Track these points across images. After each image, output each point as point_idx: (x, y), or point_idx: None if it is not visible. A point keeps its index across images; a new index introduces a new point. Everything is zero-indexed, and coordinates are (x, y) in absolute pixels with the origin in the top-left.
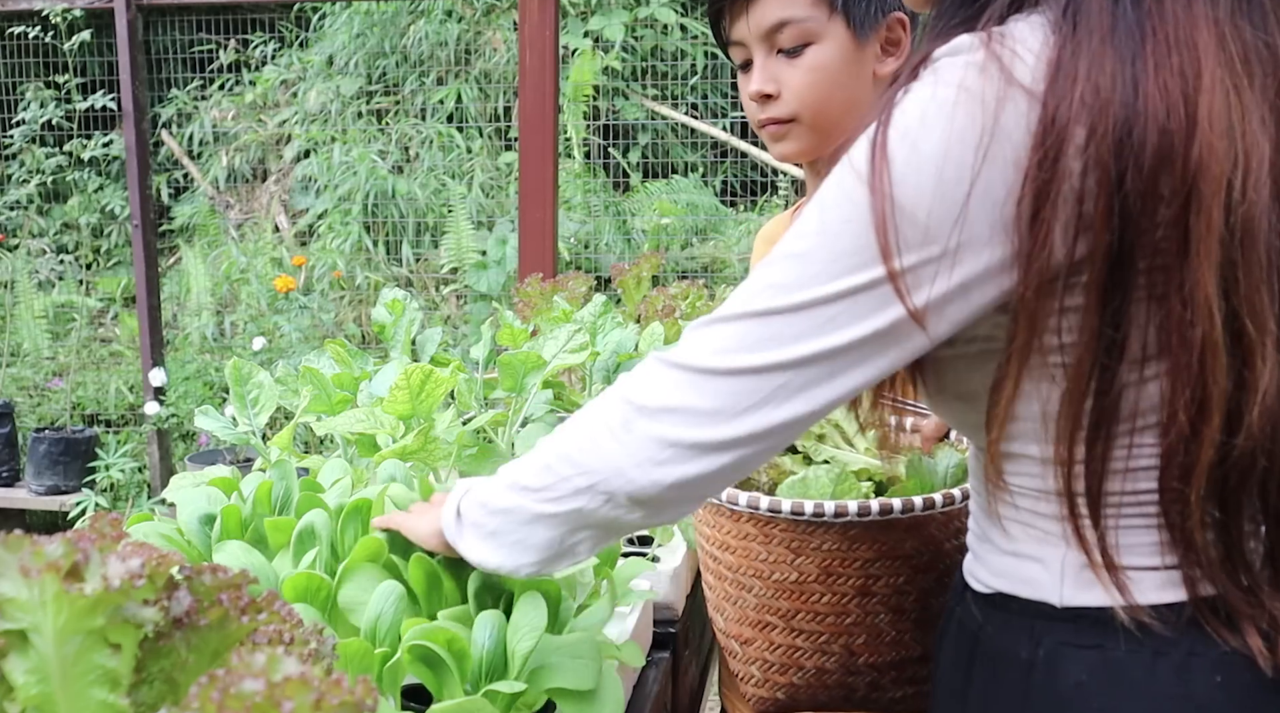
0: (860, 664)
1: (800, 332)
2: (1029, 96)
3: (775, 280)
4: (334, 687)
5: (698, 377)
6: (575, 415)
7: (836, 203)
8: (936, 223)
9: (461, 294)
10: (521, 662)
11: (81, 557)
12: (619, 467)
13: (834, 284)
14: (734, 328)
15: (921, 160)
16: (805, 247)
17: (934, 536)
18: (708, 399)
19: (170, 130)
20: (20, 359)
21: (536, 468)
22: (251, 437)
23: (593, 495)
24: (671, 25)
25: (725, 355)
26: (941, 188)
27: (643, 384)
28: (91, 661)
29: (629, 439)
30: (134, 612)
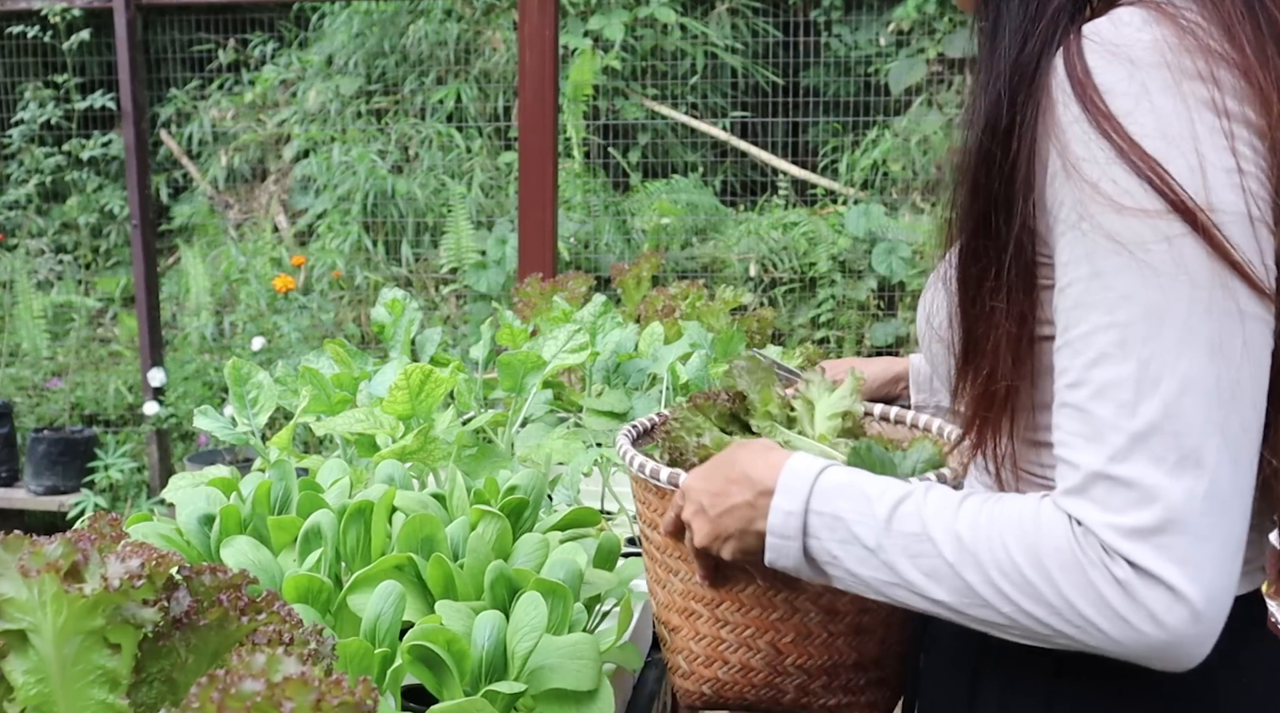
0: (788, 665)
1: (1220, 386)
2: (1230, 62)
3: (1148, 353)
4: (334, 687)
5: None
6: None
7: (1144, 237)
8: (1233, 202)
9: (461, 294)
10: (521, 662)
11: (81, 557)
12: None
13: (1215, 314)
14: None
15: (1183, 148)
16: (1154, 298)
17: None
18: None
19: (169, 130)
20: (19, 359)
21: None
22: (251, 437)
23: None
24: (671, 25)
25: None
26: (1215, 166)
27: None
28: (91, 661)
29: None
30: (133, 612)
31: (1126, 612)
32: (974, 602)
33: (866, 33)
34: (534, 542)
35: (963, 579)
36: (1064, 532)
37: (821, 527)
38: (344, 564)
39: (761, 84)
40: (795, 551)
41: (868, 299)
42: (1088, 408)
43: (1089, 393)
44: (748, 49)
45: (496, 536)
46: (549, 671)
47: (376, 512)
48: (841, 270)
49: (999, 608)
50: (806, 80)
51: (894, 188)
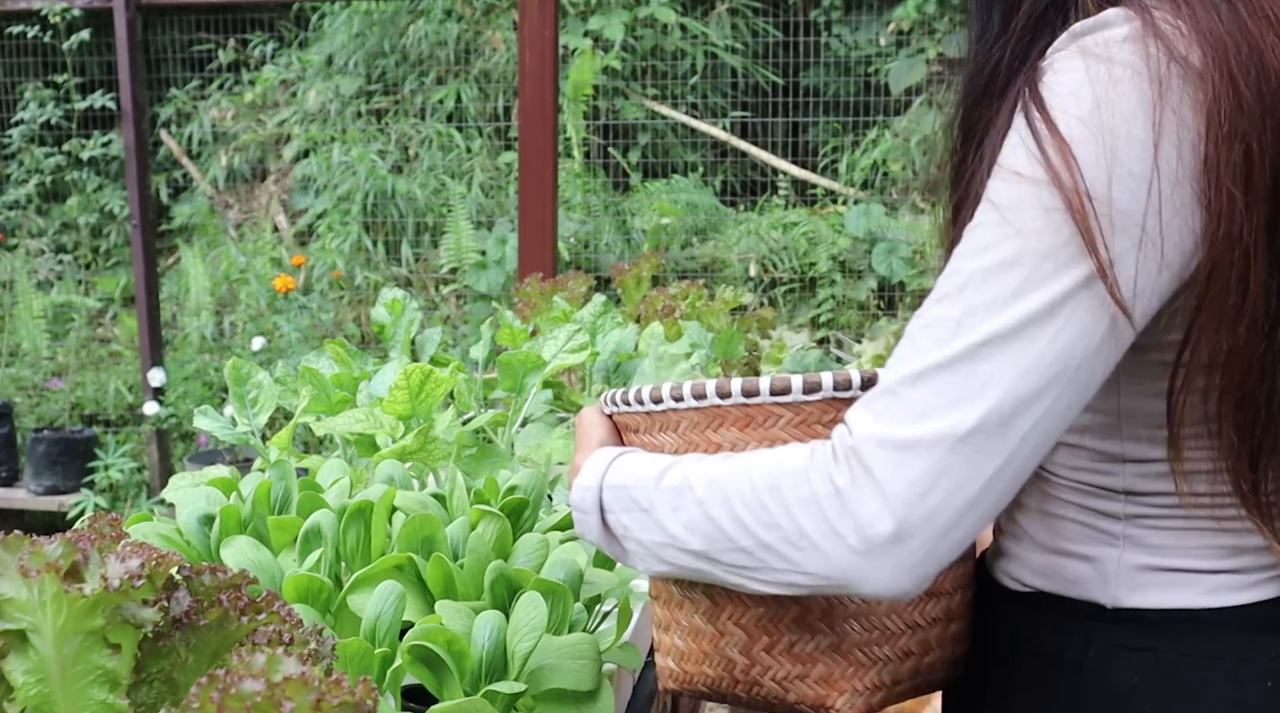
0: (726, 623)
1: (1026, 353)
2: (1190, 70)
3: (977, 301)
4: (334, 687)
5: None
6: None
7: (1021, 202)
8: (1130, 206)
9: (461, 294)
10: (521, 662)
11: (81, 557)
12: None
13: (1050, 287)
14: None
15: (1102, 141)
16: (1005, 254)
17: None
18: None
19: (169, 130)
20: (19, 359)
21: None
22: (251, 437)
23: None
24: (671, 25)
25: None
26: (1127, 168)
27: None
28: (91, 661)
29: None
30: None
31: (837, 520)
32: (721, 543)
33: (866, 33)
34: (534, 542)
35: (711, 520)
36: (803, 453)
37: (613, 500)
38: (344, 564)
39: (761, 84)
40: (595, 525)
41: (868, 299)
42: (913, 335)
43: (921, 324)
44: (748, 49)
45: (496, 536)
46: (549, 671)
47: (376, 512)
48: (841, 270)
49: (740, 543)
50: (806, 80)
51: (894, 188)
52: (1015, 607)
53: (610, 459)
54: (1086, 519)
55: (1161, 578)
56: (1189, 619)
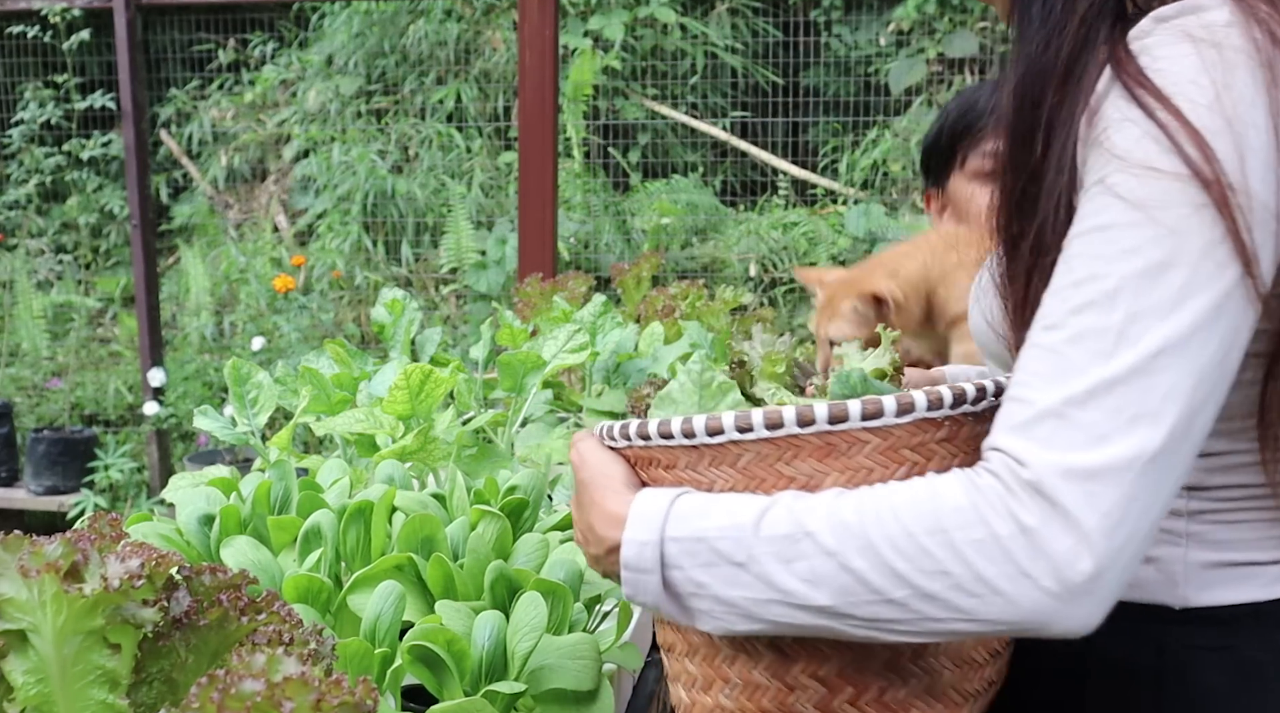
0: (798, 675)
1: (1199, 359)
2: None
3: (1139, 307)
4: (334, 687)
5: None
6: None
7: (1166, 198)
8: (1265, 196)
9: (461, 294)
10: (521, 662)
11: (81, 557)
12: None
13: (1213, 287)
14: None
15: (1233, 130)
16: (1160, 255)
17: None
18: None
19: (169, 130)
20: (19, 359)
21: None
22: (251, 437)
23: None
24: (671, 25)
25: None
26: (1258, 156)
27: None
28: (91, 661)
29: None
30: (133, 612)
31: (1028, 562)
32: (862, 597)
33: (866, 33)
34: (534, 542)
35: (849, 571)
36: (962, 488)
37: (682, 554)
38: (344, 564)
39: (761, 84)
40: (654, 585)
41: None
42: (1060, 350)
43: (1066, 336)
44: (748, 49)
45: (496, 536)
46: (549, 671)
47: (376, 512)
48: None
49: (891, 595)
50: (806, 80)
51: (894, 188)
52: None
53: (667, 505)
54: None
55: (1228, 574)
56: (1256, 613)
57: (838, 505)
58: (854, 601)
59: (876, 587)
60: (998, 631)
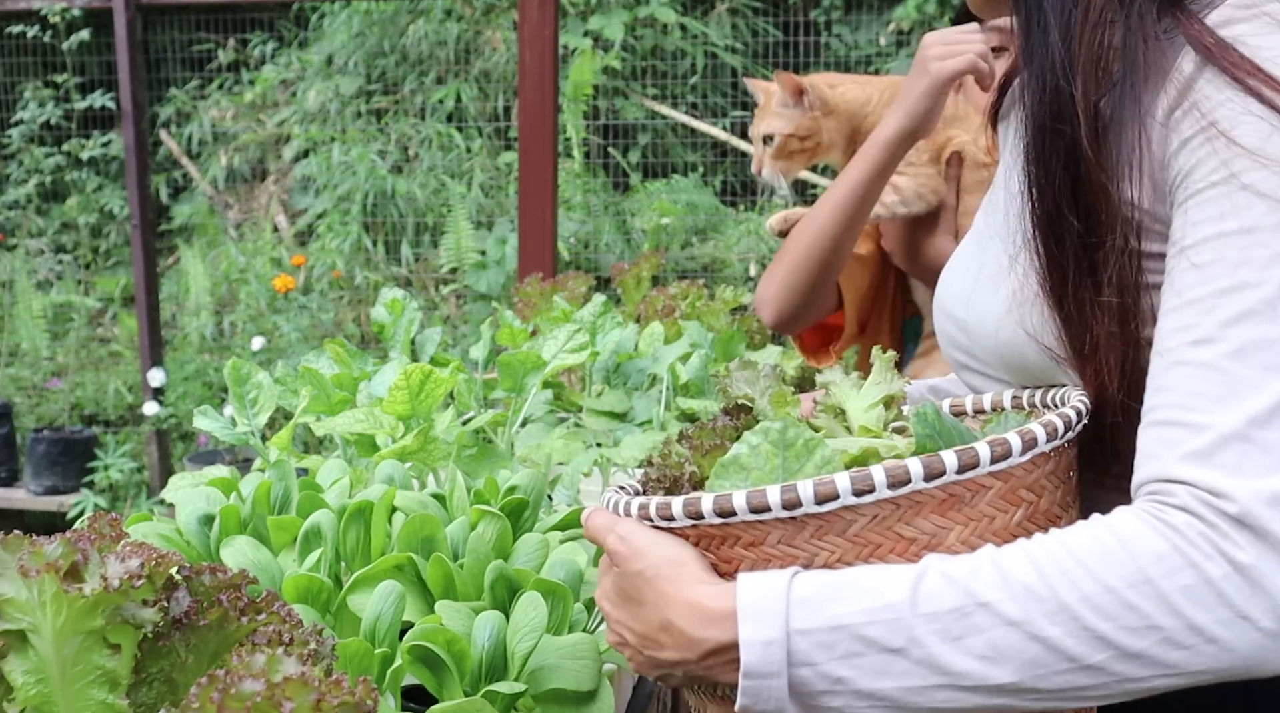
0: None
1: None
2: None
3: None
4: (334, 687)
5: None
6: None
7: None
8: None
9: (461, 294)
10: (521, 662)
11: (80, 557)
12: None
13: None
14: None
15: None
16: None
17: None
18: None
19: (169, 130)
20: (19, 359)
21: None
22: (250, 437)
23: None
24: (671, 25)
25: None
26: None
27: None
28: (91, 661)
29: None
30: (133, 612)
31: (1246, 603)
32: (1054, 667)
33: (866, 33)
34: (534, 542)
35: (1039, 641)
36: (1155, 531)
37: (815, 648)
38: (344, 564)
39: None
40: (780, 689)
41: None
42: (1224, 366)
43: (1227, 350)
44: (748, 49)
45: (496, 536)
46: (549, 671)
47: (376, 512)
48: None
49: (1089, 661)
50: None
51: None
52: None
53: (783, 594)
54: None
55: None
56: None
57: (1009, 567)
58: (1043, 673)
59: (1073, 654)
60: (1201, 681)
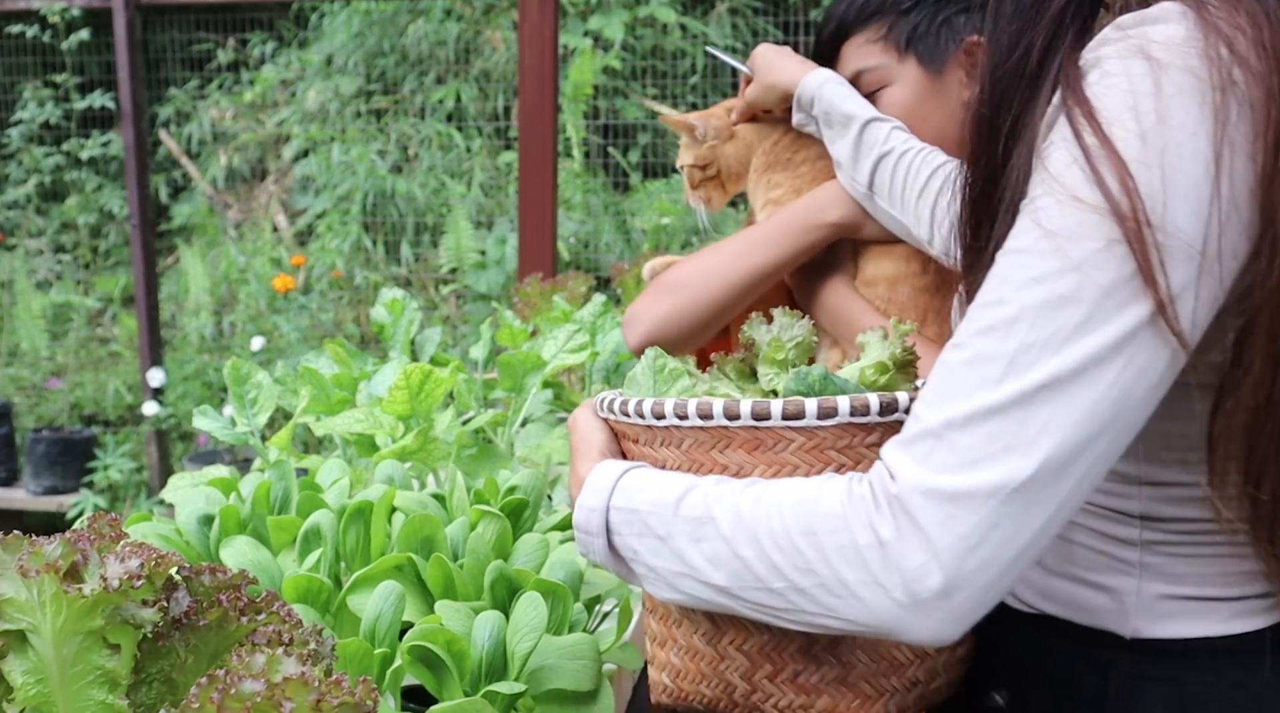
0: (727, 646)
1: (1085, 397)
2: (1252, 73)
3: (1032, 339)
4: (334, 687)
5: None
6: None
7: (1079, 231)
8: (1192, 233)
9: (461, 294)
10: (521, 662)
11: (80, 557)
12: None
13: (1113, 326)
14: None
15: (1163, 161)
16: (1064, 288)
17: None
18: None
19: (169, 130)
20: (18, 359)
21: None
22: (250, 437)
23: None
24: (671, 25)
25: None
26: (1189, 190)
27: None
28: (90, 661)
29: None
30: (133, 612)
31: (882, 574)
32: (749, 583)
33: None
34: (534, 542)
35: (739, 557)
36: (839, 495)
37: (621, 522)
38: (344, 564)
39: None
40: (601, 547)
41: None
42: (956, 371)
43: (964, 358)
44: (748, 49)
45: (496, 536)
46: (549, 671)
47: (376, 512)
48: None
49: (771, 585)
50: None
51: None
52: (1021, 628)
53: (616, 477)
54: (1102, 546)
55: (1183, 607)
56: (1210, 648)
57: (741, 497)
58: (743, 585)
59: (760, 575)
60: (859, 630)
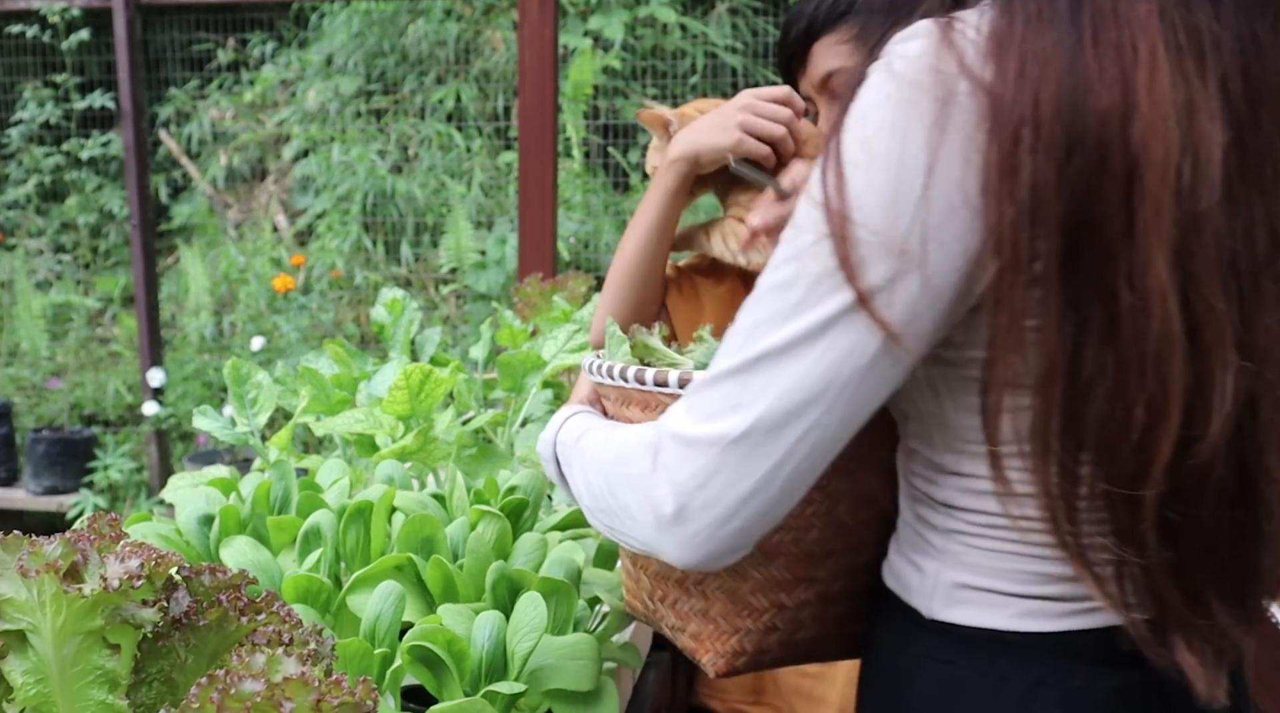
0: (639, 572)
1: (794, 369)
2: (978, 84)
3: (761, 316)
4: (334, 687)
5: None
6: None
7: (805, 224)
8: (896, 234)
9: (461, 294)
10: (521, 662)
11: (80, 557)
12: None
13: (818, 310)
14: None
15: (876, 165)
16: (786, 275)
17: None
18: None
19: (169, 130)
20: (18, 359)
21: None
22: (250, 437)
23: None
24: (671, 25)
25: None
26: (898, 194)
27: None
28: (90, 661)
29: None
30: (133, 612)
31: (645, 498)
32: (595, 504)
33: None
34: (534, 542)
35: (589, 484)
36: (641, 434)
37: (561, 450)
38: (344, 565)
39: (761, 84)
40: (554, 472)
41: None
42: (724, 340)
43: (731, 330)
44: (748, 49)
45: (496, 536)
46: (549, 671)
47: (376, 512)
48: None
49: (603, 505)
50: None
51: None
52: (875, 601)
53: (566, 416)
54: (917, 527)
55: (974, 597)
56: (996, 640)
57: (603, 435)
58: (594, 506)
59: (597, 497)
60: (641, 548)
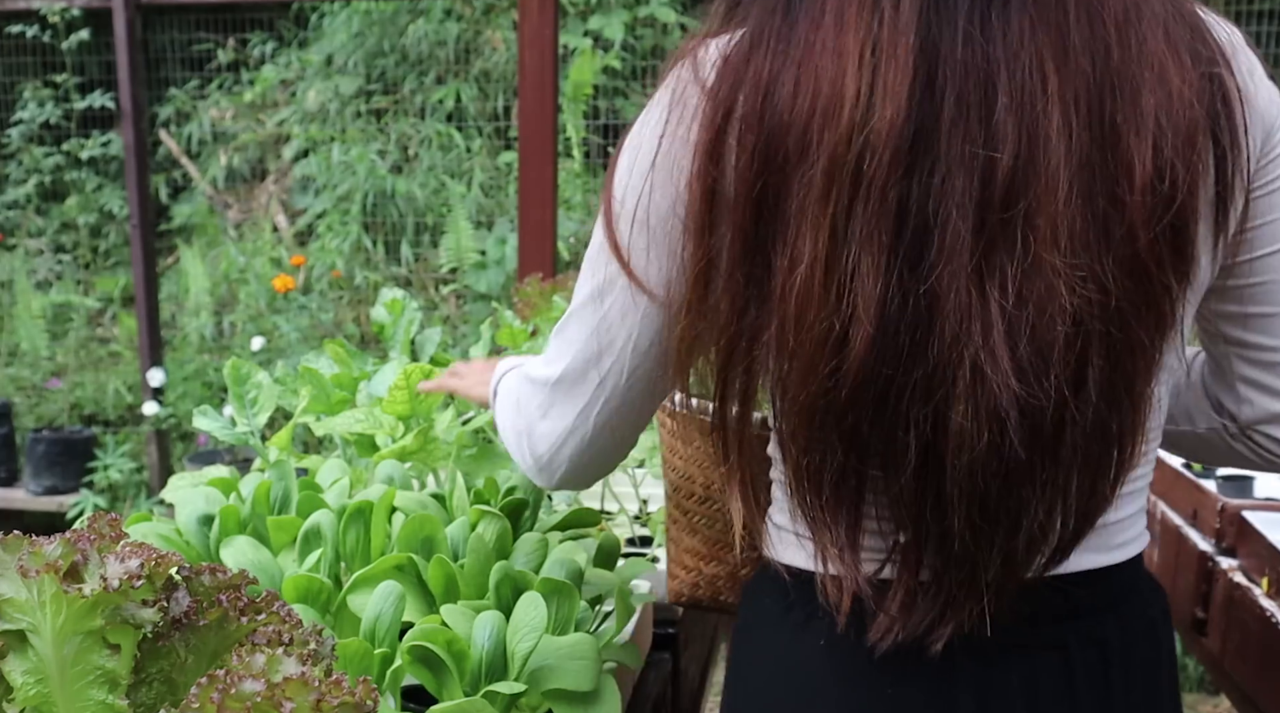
0: None
1: (588, 322)
2: (701, 87)
3: (577, 282)
4: (334, 687)
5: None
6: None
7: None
8: (639, 213)
9: (461, 294)
10: (521, 662)
11: (80, 557)
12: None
13: (599, 275)
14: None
15: (629, 155)
16: (592, 247)
17: None
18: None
19: (169, 130)
20: (18, 359)
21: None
22: (250, 437)
23: None
24: (671, 25)
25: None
26: (638, 180)
27: None
28: (90, 661)
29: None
30: (133, 612)
31: (516, 420)
32: (503, 435)
33: None
34: (533, 542)
35: (496, 416)
36: (527, 369)
37: (496, 393)
38: (344, 565)
39: None
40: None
41: None
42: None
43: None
44: None
45: (496, 536)
46: (549, 671)
47: (376, 512)
48: None
49: (505, 437)
50: None
51: None
52: None
53: (504, 370)
54: (776, 477)
55: (786, 538)
56: (795, 575)
57: (517, 374)
58: (505, 438)
59: (501, 428)
60: (523, 468)
